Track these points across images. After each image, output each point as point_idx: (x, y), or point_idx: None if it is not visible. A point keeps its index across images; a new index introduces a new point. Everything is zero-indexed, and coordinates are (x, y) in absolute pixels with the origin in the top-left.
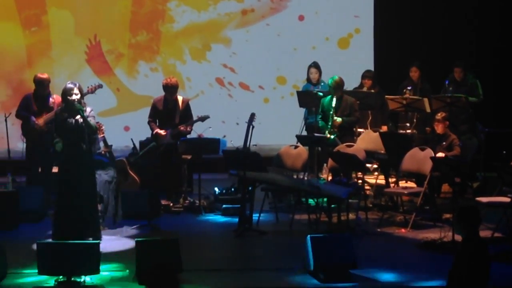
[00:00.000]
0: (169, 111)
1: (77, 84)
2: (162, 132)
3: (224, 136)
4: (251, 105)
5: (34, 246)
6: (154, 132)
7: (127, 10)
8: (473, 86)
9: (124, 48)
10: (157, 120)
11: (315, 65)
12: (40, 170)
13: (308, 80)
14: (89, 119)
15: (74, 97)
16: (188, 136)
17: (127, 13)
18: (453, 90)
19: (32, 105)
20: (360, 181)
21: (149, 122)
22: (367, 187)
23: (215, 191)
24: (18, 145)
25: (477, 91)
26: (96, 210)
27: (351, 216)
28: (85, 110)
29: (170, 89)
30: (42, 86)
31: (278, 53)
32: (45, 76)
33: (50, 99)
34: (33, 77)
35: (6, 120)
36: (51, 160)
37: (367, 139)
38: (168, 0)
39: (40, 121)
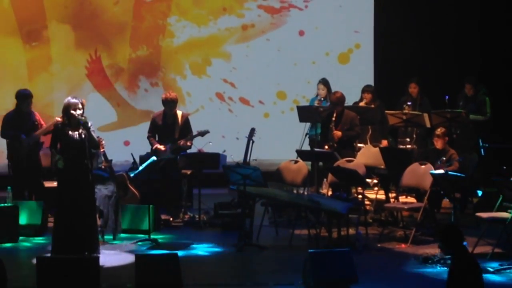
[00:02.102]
0: (168, 126)
1: (80, 99)
2: (161, 147)
3: (224, 151)
4: (251, 120)
5: (34, 261)
6: (153, 147)
7: (128, 25)
8: (481, 103)
9: (125, 63)
10: (157, 135)
11: (323, 81)
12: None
13: (317, 95)
14: (91, 134)
15: (78, 112)
16: (188, 151)
17: (128, 28)
18: (463, 105)
19: (18, 122)
20: (360, 196)
21: (148, 137)
22: (367, 202)
23: (215, 206)
24: None
25: (485, 108)
26: (95, 225)
27: (351, 231)
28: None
29: (170, 103)
30: (25, 101)
31: (278, 68)
32: (28, 91)
33: (34, 115)
34: (16, 92)
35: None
36: (40, 176)
37: (367, 154)
38: (169, 15)
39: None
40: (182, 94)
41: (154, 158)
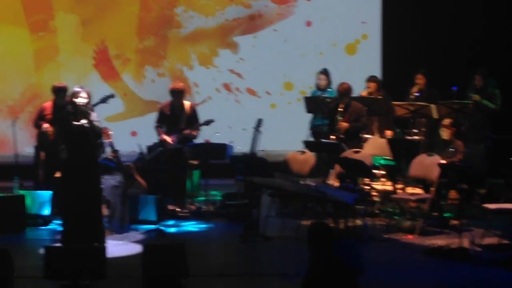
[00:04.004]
0: (176, 116)
1: (85, 89)
2: (168, 138)
3: (231, 142)
4: (258, 110)
5: (41, 251)
6: (161, 138)
7: (135, 15)
8: (491, 95)
9: (132, 53)
10: (164, 125)
11: (324, 71)
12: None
13: (317, 86)
14: (94, 123)
15: (80, 100)
16: (195, 141)
17: (135, 18)
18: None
19: (49, 114)
20: (367, 187)
21: (156, 127)
22: (374, 193)
23: (221, 196)
24: (25, 149)
25: (494, 100)
26: (102, 215)
27: (358, 222)
28: (91, 114)
29: (177, 94)
30: (59, 95)
31: (285, 58)
32: (63, 84)
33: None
34: (52, 86)
35: (13, 125)
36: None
37: (374, 145)
38: (176, 6)
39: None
40: (189, 84)
41: (161, 148)
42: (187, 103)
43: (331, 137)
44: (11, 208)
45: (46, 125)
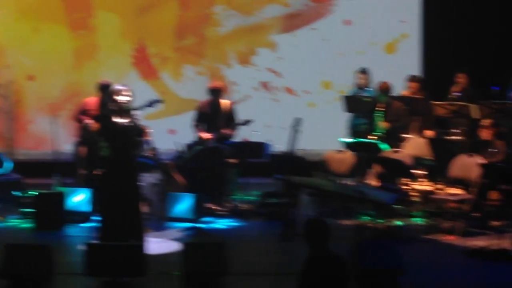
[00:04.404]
0: (214, 115)
1: (128, 86)
2: (207, 135)
3: (269, 141)
4: (296, 109)
5: (81, 247)
6: (199, 136)
7: (174, 14)
8: None
9: (170, 52)
10: (203, 124)
11: (364, 70)
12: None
13: (356, 85)
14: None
15: (122, 98)
16: (234, 140)
17: (173, 17)
18: None
19: (93, 110)
20: (406, 187)
21: (194, 126)
22: (413, 193)
23: (260, 195)
24: (65, 146)
25: None
26: (141, 213)
27: (397, 222)
28: (134, 112)
29: (215, 92)
30: (106, 91)
31: (324, 57)
32: (109, 81)
33: None
34: (98, 83)
35: (54, 122)
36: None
37: (414, 145)
38: (214, 4)
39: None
40: (227, 83)
41: (200, 146)
42: (225, 102)
43: (370, 136)
44: (51, 205)
45: (89, 121)
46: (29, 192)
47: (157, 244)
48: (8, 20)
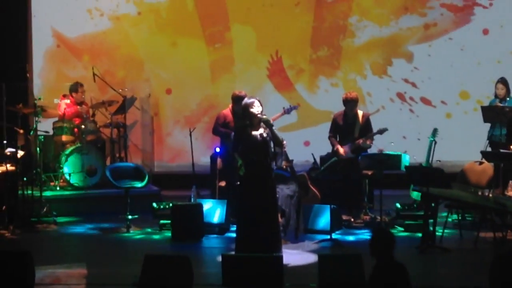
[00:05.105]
0: (349, 126)
1: (256, 97)
2: (341, 149)
3: (405, 152)
4: (433, 120)
5: (219, 259)
6: (334, 148)
7: (309, 26)
8: None
9: (305, 64)
10: (338, 135)
11: (503, 80)
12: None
13: (495, 95)
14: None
15: (255, 109)
16: (369, 151)
17: (308, 29)
18: None
19: (231, 121)
20: None
21: (329, 137)
22: None
23: (396, 207)
24: (201, 159)
25: None
26: (277, 224)
27: None
28: (272, 122)
29: (350, 103)
30: (238, 103)
31: (461, 67)
32: (243, 93)
33: None
34: (232, 94)
35: (190, 135)
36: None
37: None
38: (350, 15)
39: None
40: (363, 94)
41: (335, 158)
42: (360, 113)
43: (511, 147)
44: (189, 217)
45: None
46: (166, 204)
47: (293, 256)
48: (146, 36)
